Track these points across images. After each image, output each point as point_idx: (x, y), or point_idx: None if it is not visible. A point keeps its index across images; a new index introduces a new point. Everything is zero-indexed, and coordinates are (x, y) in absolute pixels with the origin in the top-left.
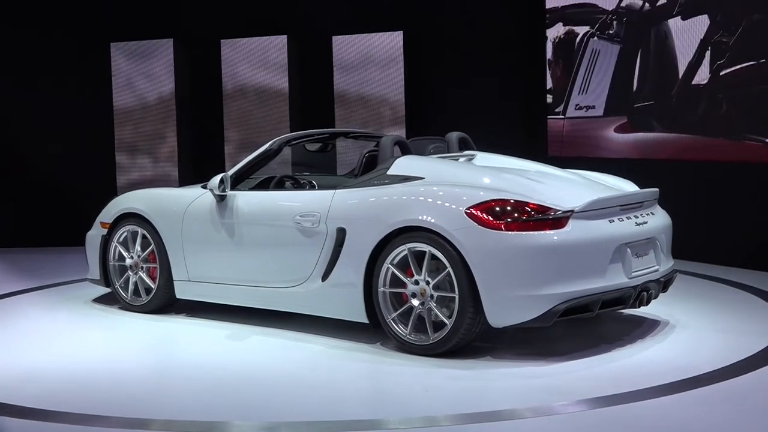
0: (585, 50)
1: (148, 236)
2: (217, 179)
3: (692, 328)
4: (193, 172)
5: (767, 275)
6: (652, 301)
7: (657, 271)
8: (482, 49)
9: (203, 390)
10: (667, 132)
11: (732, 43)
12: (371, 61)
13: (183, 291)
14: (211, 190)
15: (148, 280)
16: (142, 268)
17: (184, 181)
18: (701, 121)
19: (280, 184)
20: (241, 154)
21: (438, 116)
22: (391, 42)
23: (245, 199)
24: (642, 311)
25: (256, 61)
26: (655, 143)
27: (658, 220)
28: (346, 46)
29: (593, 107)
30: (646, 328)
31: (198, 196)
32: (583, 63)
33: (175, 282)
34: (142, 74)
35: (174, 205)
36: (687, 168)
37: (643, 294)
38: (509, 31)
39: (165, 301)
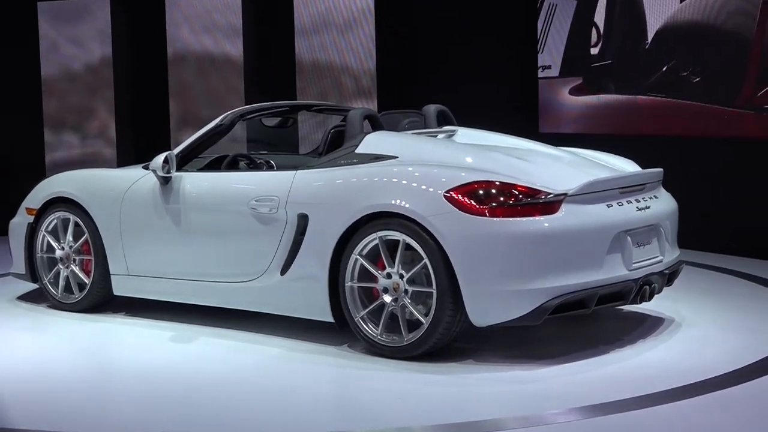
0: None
1: (82, 224)
2: (160, 159)
3: (700, 327)
4: (132, 151)
5: None
6: (655, 296)
7: (661, 262)
8: (465, 11)
9: (146, 401)
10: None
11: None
12: (337, 24)
13: (121, 287)
14: (153, 171)
15: (81, 275)
16: (74, 260)
17: (122, 161)
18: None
19: (233, 165)
20: (188, 131)
21: (414, 87)
22: (360, 1)
23: (193, 182)
24: (644, 307)
25: (205, 23)
26: (611, 106)
27: (662, 204)
28: (308, 6)
29: (549, 67)
30: (648, 326)
31: (139, 179)
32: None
33: (112, 276)
34: (73, 38)
35: (111, 188)
36: (694, 145)
37: (645, 288)
38: None
39: (101, 299)
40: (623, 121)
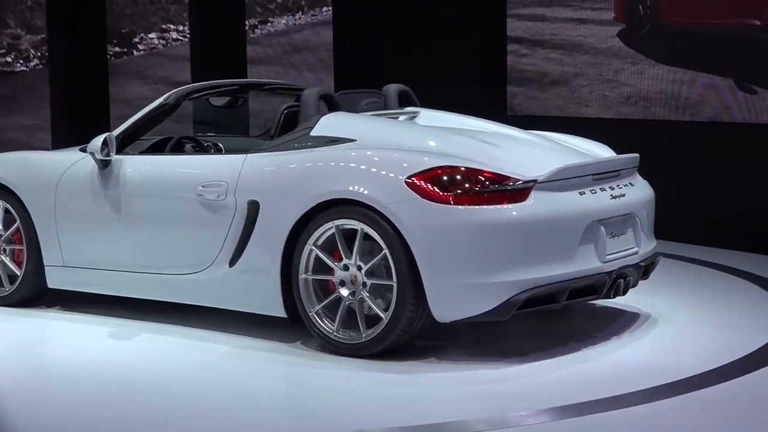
0: None
1: (12, 211)
2: (99, 141)
3: (677, 323)
4: (68, 133)
5: None
6: (630, 289)
7: (636, 253)
8: None
9: (81, 403)
10: None
11: None
12: None
13: (56, 279)
14: (92, 153)
15: (12, 266)
16: (4, 250)
17: (58, 143)
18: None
19: (178, 147)
20: (130, 112)
21: (373, 64)
22: None
23: (135, 165)
24: (618, 302)
25: None
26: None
27: (638, 192)
28: None
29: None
30: (622, 322)
31: (75, 162)
32: None
33: (46, 268)
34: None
35: (45, 172)
36: (672, 127)
37: (619, 281)
38: None
39: (34, 292)
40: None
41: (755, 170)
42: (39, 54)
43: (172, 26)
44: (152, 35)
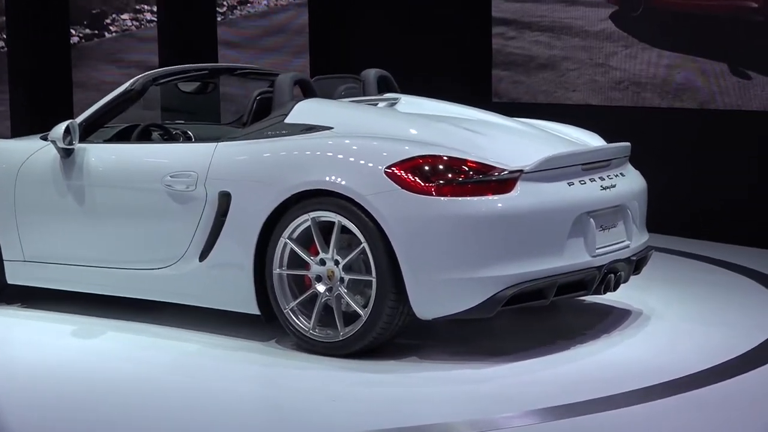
0: None
1: None
2: (61, 128)
3: (670, 320)
4: (29, 121)
5: None
6: (621, 285)
7: (627, 247)
8: None
9: (42, 404)
10: None
11: None
12: None
13: (16, 274)
14: (53, 141)
15: None
16: None
17: (17, 131)
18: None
19: (145, 135)
20: (95, 99)
21: (352, 48)
22: None
23: (99, 154)
24: (608, 298)
25: None
26: None
27: (629, 183)
28: None
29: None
30: (612, 320)
31: (36, 151)
32: None
33: (5, 263)
34: None
35: (4, 161)
36: (664, 114)
37: (609, 277)
38: None
39: None
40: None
41: (752, 159)
42: None
43: (146, 6)
44: (125, 16)
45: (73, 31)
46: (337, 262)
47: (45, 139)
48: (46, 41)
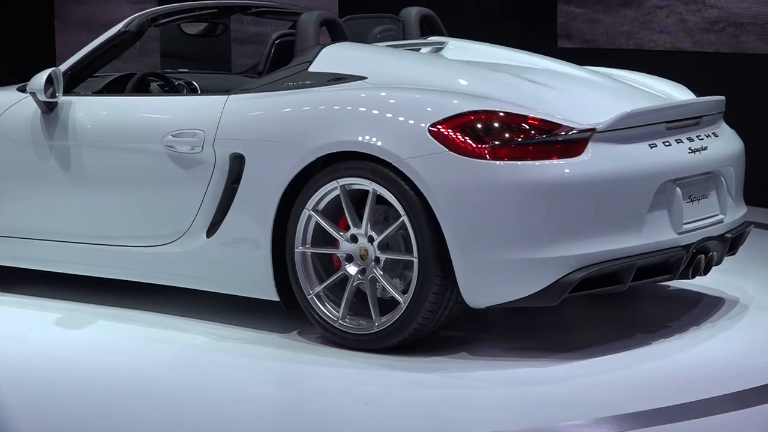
0: None
1: None
2: (42, 77)
3: None
4: (4, 69)
5: None
6: (713, 268)
7: (721, 222)
8: None
9: (24, 405)
10: None
11: None
12: None
13: None
14: (33, 93)
15: None
16: None
17: None
18: None
19: (142, 87)
20: (83, 42)
21: None
22: None
23: (87, 109)
24: (697, 283)
25: None
26: None
27: (723, 145)
28: None
29: None
30: (703, 309)
31: (12, 105)
32: None
33: None
34: None
35: None
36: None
37: (699, 258)
38: None
39: None
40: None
41: None
42: None
43: None
44: None
45: None
46: (371, 239)
47: (23, 90)
48: None
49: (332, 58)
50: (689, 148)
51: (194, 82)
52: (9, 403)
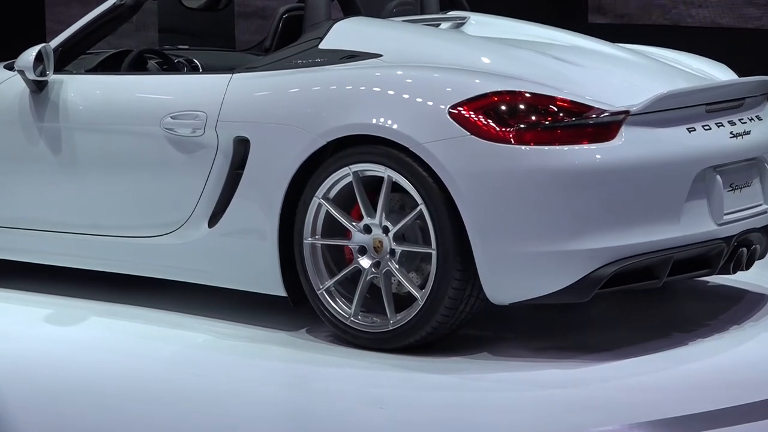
0: None
1: None
2: (31, 54)
3: None
4: None
5: None
6: (756, 262)
7: (765, 213)
8: None
9: (16, 409)
10: None
11: None
12: None
13: None
14: (21, 71)
15: None
16: None
17: None
18: None
19: (139, 64)
20: (76, 16)
21: None
22: None
23: (80, 89)
24: (739, 279)
25: None
26: None
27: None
28: None
29: None
30: (745, 307)
31: None
32: None
33: None
34: None
35: None
36: None
37: (741, 251)
38: None
39: None
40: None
41: None
42: None
43: None
44: None
45: None
46: (386, 230)
47: (10, 68)
48: None
49: (344, 34)
50: (731, 133)
51: (195, 60)
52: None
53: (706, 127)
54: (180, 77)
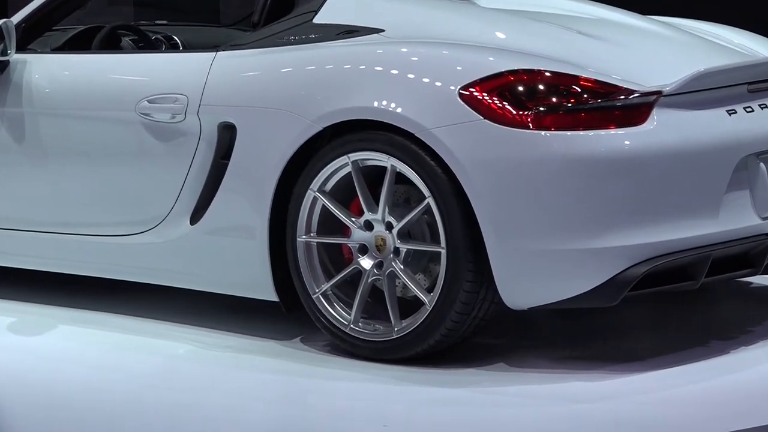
0: None
1: None
2: None
3: None
4: None
5: None
6: None
7: None
8: None
9: None
10: None
11: None
12: None
13: None
14: None
15: None
16: None
17: None
18: None
19: (111, 42)
20: None
21: None
22: None
23: (45, 69)
24: None
25: None
26: None
27: None
28: None
29: None
30: None
31: None
32: None
33: None
34: None
35: None
36: None
37: None
38: None
39: None
40: None
41: None
42: None
43: None
44: None
45: None
46: (389, 226)
47: None
48: None
49: (342, 6)
50: None
51: (174, 37)
52: None
53: (749, 109)
54: (158, 56)
